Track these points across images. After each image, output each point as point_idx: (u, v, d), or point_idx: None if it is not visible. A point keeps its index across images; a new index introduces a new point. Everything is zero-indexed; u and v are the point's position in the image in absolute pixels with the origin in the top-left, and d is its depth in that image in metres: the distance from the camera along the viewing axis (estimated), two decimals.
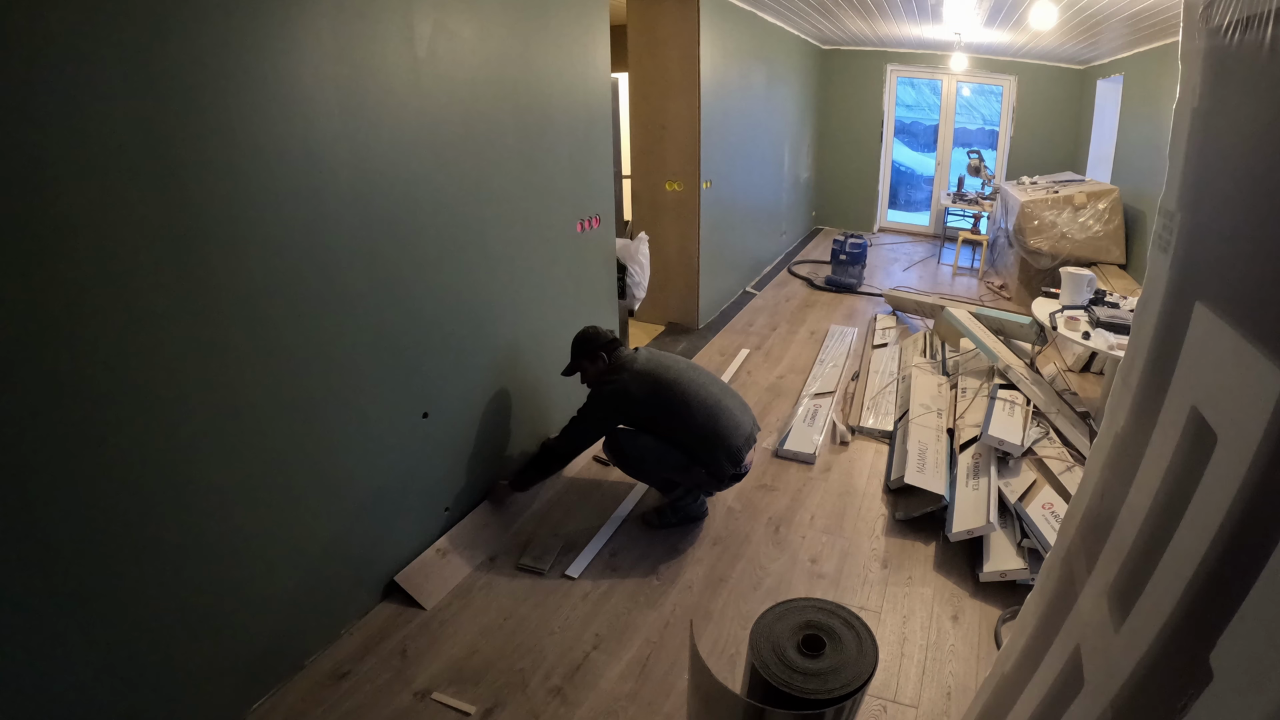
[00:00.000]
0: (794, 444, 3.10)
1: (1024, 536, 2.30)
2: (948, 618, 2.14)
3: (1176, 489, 0.79)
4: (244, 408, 1.63)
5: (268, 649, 1.79)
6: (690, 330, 4.69)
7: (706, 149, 4.33)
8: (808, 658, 1.38)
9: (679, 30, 4.05)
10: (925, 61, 7.28)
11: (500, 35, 2.30)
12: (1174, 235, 0.93)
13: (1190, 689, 0.64)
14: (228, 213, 1.52)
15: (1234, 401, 0.70)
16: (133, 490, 1.42)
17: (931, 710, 1.82)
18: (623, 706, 1.83)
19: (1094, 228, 4.83)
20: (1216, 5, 0.82)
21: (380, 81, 1.84)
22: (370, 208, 1.88)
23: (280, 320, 1.68)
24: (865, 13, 5.00)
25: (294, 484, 1.80)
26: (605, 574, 2.32)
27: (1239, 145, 0.77)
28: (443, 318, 2.23)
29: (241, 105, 1.50)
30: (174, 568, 1.52)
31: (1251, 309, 0.69)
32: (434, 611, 2.13)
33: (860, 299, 5.51)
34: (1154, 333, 0.97)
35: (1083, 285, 3.14)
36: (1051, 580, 1.19)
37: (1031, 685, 1.09)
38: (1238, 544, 0.64)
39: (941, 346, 3.92)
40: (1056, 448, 2.67)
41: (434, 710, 1.80)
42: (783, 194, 6.52)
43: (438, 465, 2.32)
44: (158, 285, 1.40)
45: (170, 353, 1.45)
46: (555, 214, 2.80)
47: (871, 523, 2.62)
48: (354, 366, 1.92)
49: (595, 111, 2.98)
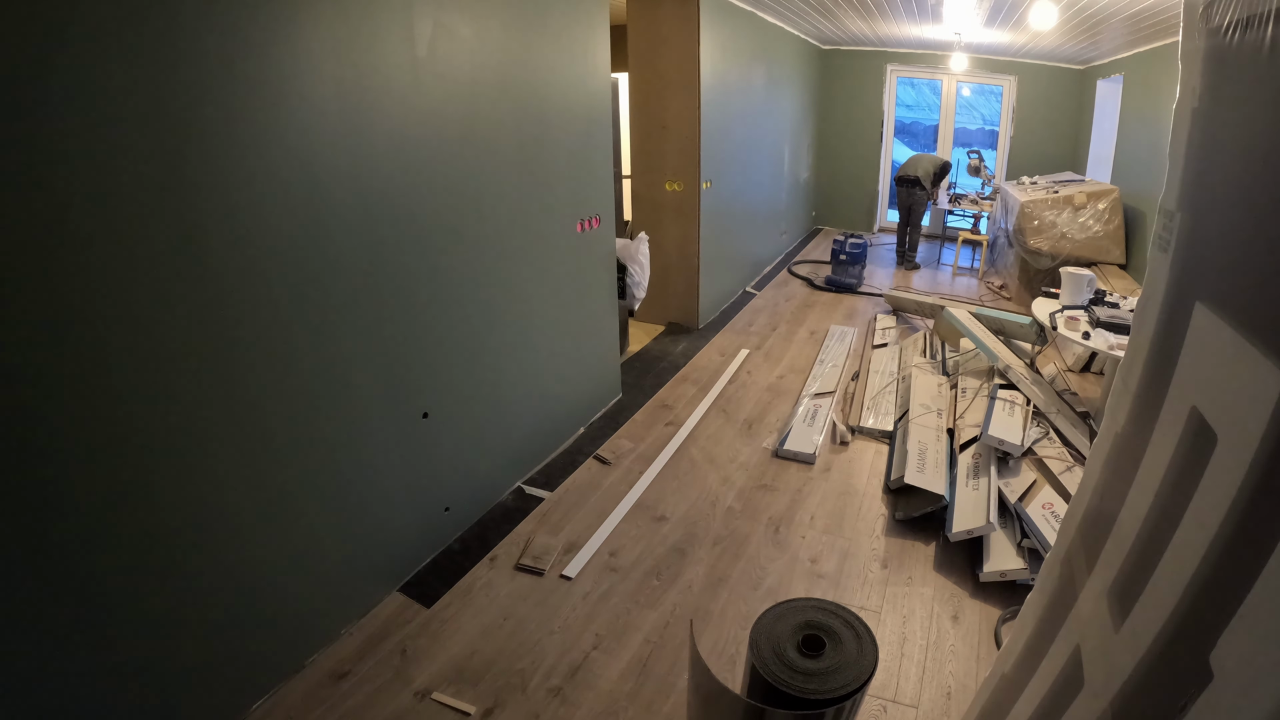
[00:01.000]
0: (794, 444, 3.10)
1: (1024, 536, 2.30)
2: (948, 618, 2.14)
3: (1176, 489, 0.79)
4: (244, 408, 1.63)
5: (268, 649, 1.79)
6: (690, 330, 4.69)
7: (706, 149, 4.33)
8: (808, 658, 1.38)
9: (679, 30, 4.05)
10: (925, 61, 7.28)
11: (500, 35, 2.30)
12: (1174, 235, 0.93)
13: (1190, 689, 0.64)
14: (230, 213, 1.52)
15: (1234, 401, 0.70)
16: (132, 490, 1.42)
17: (931, 710, 1.82)
18: (623, 706, 1.83)
19: (1094, 228, 4.83)
20: (1216, 5, 0.82)
21: (380, 81, 1.84)
22: (370, 207, 1.88)
23: (280, 320, 1.68)
24: (865, 13, 5.00)
25: (294, 483, 1.80)
26: (605, 574, 2.32)
27: (1239, 145, 0.77)
28: (442, 317, 2.23)
29: (242, 105, 1.50)
30: (173, 567, 1.52)
31: (1251, 309, 0.69)
32: (434, 611, 2.13)
33: (860, 299, 5.51)
34: (1154, 333, 0.97)
35: (1083, 285, 3.14)
36: (1051, 580, 1.19)
37: (1031, 685, 1.09)
38: (1238, 544, 0.64)
39: (941, 346, 3.92)
40: (1056, 448, 2.67)
41: (434, 710, 1.80)
42: (783, 194, 6.52)
43: (438, 465, 2.32)
44: (162, 285, 1.40)
45: (172, 352, 1.45)
46: (555, 214, 2.80)
47: (871, 523, 2.62)
48: (354, 366, 1.92)
49: (595, 111, 2.98)
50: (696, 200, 4.41)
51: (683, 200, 4.45)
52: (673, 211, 4.50)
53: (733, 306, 5.23)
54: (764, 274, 6.13)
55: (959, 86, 7.61)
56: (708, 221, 4.54)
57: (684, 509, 2.69)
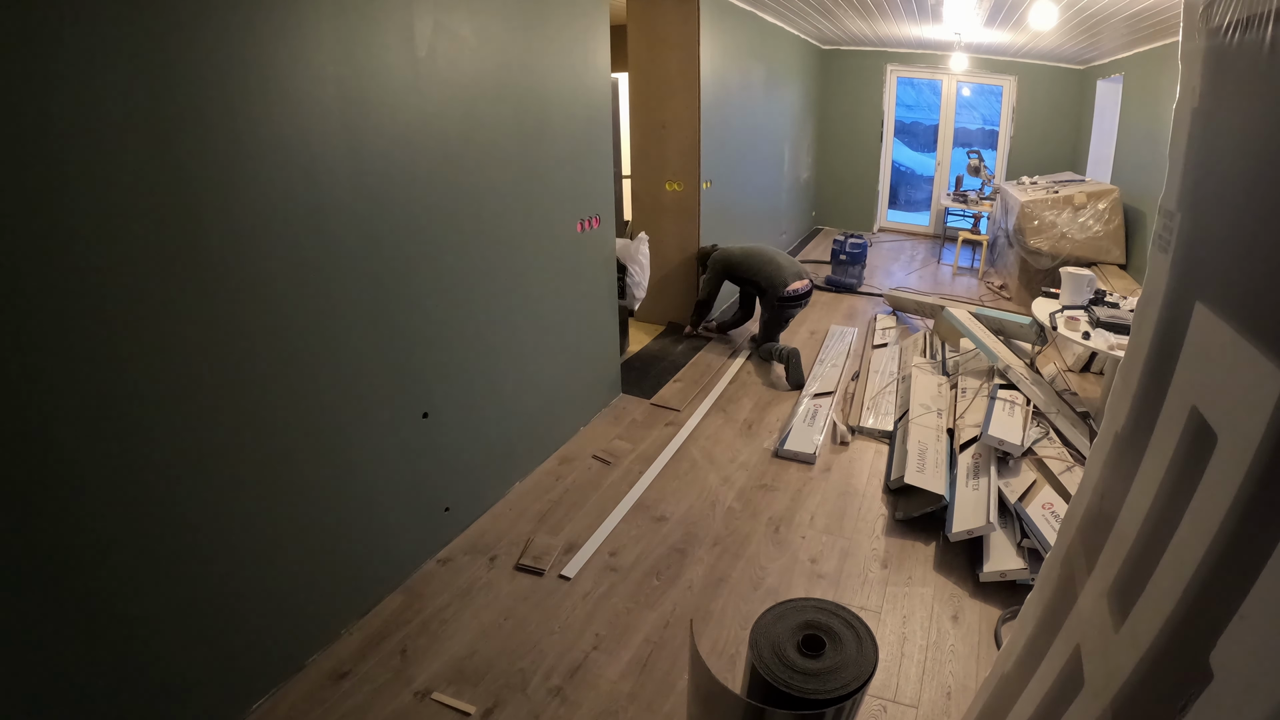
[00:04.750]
0: (794, 444, 3.10)
1: (1024, 536, 2.30)
2: (948, 618, 2.14)
3: (1176, 489, 0.79)
4: (245, 410, 1.63)
5: (268, 649, 1.79)
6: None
7: (706, 149, 4.33)
8: (808, 658, 1.38)
9: (679, 30, 4.05)
10: (925, 61, 7.28)
11: (500, 35, 2.30)
12: (1174, 235, 0.93)
13: (1190, 689, 0.64)
14: (232, 214, 1.52)
15: (1234, 401, 0.70)
16: (133, 490, 1.42)
17: (931, 710, 1.82)
18: (623, 706, 1.83)
19: (1094, 228, 4.83)
20: (1216, 5, 0.82)
21: (380, 81, 1.84)
22: (370, 208, 1.88)
23: (282, 321, 1.68)
24: (865, 13, 5.00)
25: (293, 483, 1.80)
26: (605, 574, 2.32)
27: (1239, 145, 0.77)
28: (442, 317, 2.23)
29: (243, 105, 1.50)
30: (173, 567, 1.52)
31: (1251, 309, 0.69)
32: (434, 611, 2.13)
33: (860, 299, 5.51)
34: (1154, 333, 0.97)
35: (1083, 285, 3.14)
36: (1051, 580, 1.19)
37: (1031, 685, 1.09)
38: (1238, 544, 0.64)
39: (941, 346, 3.92)
40: (1056, 448, 2.67)
41: (434, 710, 1.80)
42: (783, 194, 6.52)
43: (438, 465, 2.32)
44: (164, 285, 1.40)
45: (176, 353, 1.45)
46: (555, 214, 2.80)
47: (871, 523, 2.62)
48: (353, 366, 1.92)
49: (595, 111, 2.98)
50: (696, 200, 4.41)
51: (683, 200, 4.45)
52: (673, 211, 4.50)
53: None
54: None
55: (959, 86, 7.61)
56: (708, 221, 4.54)
57: (684, 509, 2.69)
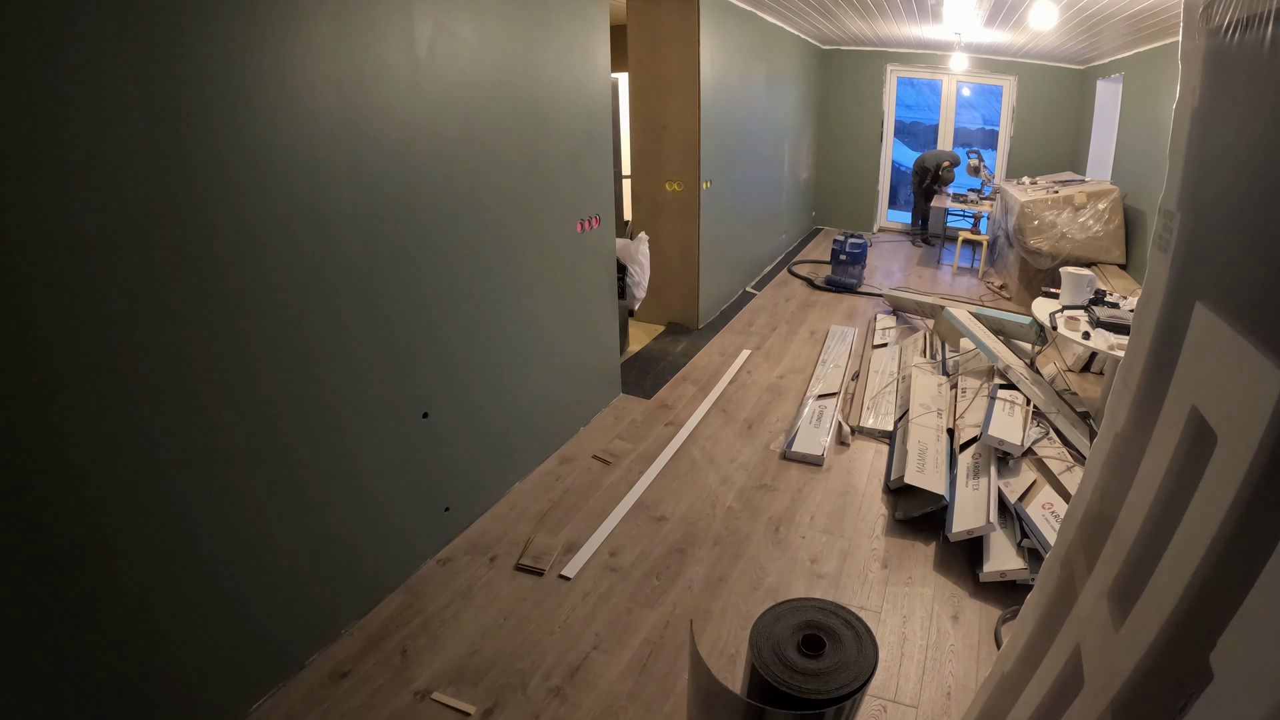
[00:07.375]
0: (801, 446, 3.10)
1: (1024, 536, 2.29)
2: (948, 618, 2.14)
3: (1176, 489, 0.79)
4: (246, 410, 1.63)
5: (268, 649, 1.79)
6: (690, 330, 4.69)
7: (706, 149, 4.33)
8: (808, 658, 1.38)
9: (679, 30, 4.05)
10: (925, 61, 7.28)
11: (500, 35, 2.30)
12: (1174, 235, 0.93)
13: (1190, 689, 0.64)
14: (232, 214, 1.52)
15: (1234, 401, 0.70)
16: (133, 491, 1.42)
17: (931, 710, 1.82)
18: (623, 706, 1.83)
19: (1094, 228, 4.83)
20: (1216, 5, 0.82)
21: (380, 81, 1.84)
22: (371, 208, 1.88)
23: (282, 321, 1.68)
24: (865, 13, 5.00)
25: (293, 483, 1.80)
26: (605, 574, 2.32)
27: (1239, 145, 0.77)
28: (443, 318, 2.23)
29: (244, 105, 1.50)
30: (173, 567, 1.52)
31: (1251, 309, 0.69)
32: (434, 611, 2.13)
33: (860, 299, 5.51)
34: (1154, 333, 0.97)
35: (1083, 285, 3.14)
36: (1051, 580, 1.19)
37: (1031, 685, 1.09)
38: (1238, 544, 0.64)
39: (941, 346, 3.92)
40: (1056, 448, 2.67)
41: (434, 710, 1.80)
42: (783, 194, 6.52)
43: (438, 465, 2.32)
44: (167, 286, 1.40)
45: (177, 353, 1.45)
46: (555, 214, 2.80)
47: (871, 523, 2.62)
48: (354, 366, 1.92)
49: (595, 111, 2.98)
50: (696, 200, 4.40)
51: (683, 200, 4.45)
52: (673, 211, 4.50)
53: (733, 306, 5.23)
54: (764, 274, 6.13)
55: (959, 86, 7.60)
56: (708, 221, 4.54)
57: (684, 509, 2.69)
